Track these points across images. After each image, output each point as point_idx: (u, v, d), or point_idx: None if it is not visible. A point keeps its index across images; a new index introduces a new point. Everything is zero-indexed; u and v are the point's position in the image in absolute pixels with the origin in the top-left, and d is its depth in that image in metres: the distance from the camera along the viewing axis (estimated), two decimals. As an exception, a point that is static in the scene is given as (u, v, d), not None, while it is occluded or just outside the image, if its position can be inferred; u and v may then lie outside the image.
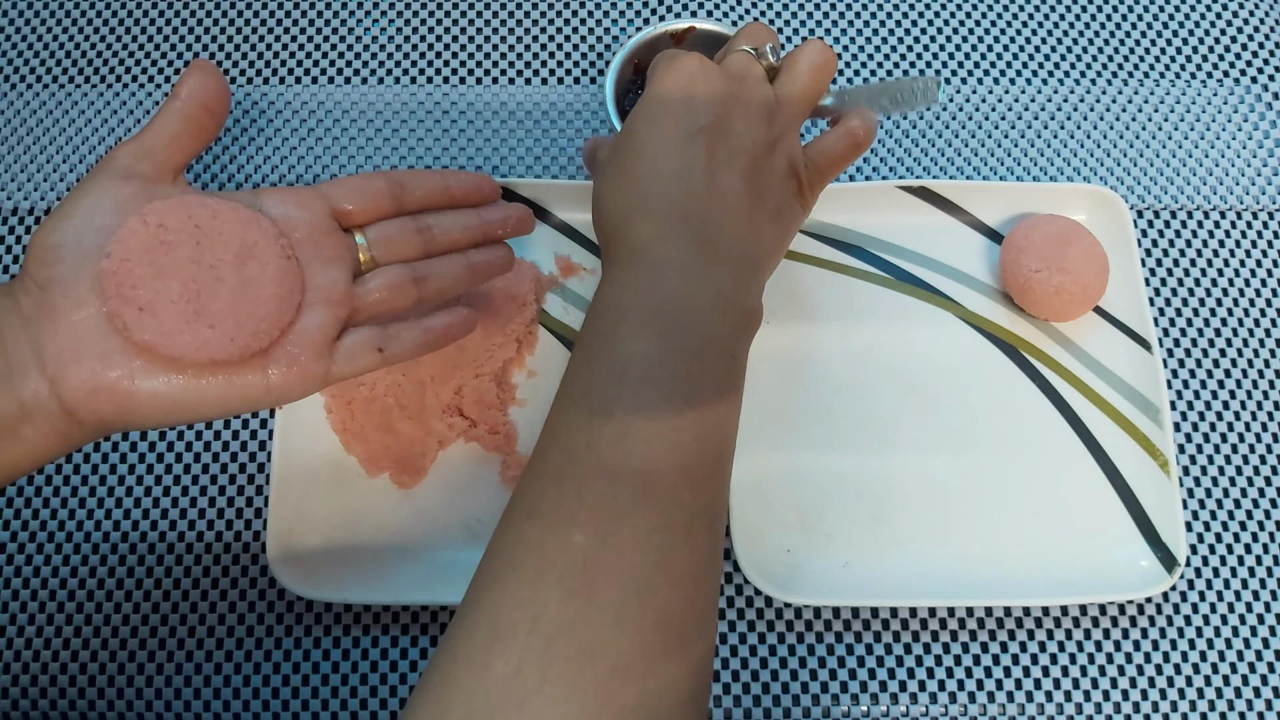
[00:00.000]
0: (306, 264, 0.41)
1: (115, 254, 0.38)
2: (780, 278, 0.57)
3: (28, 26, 0.64)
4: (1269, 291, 0.59)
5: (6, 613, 0.52)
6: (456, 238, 0.46)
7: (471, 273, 0.47)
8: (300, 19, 0.64)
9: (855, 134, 0.45)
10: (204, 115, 0.42)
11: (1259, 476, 0.55)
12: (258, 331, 0.39)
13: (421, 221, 0.45)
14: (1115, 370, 0.56)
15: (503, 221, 0.48)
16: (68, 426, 0.37)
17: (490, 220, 0.47)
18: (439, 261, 0.46)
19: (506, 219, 0.48)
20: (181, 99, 0.42)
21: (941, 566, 0.52)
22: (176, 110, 0.41)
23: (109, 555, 0.53)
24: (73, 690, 0.51)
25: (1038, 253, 0.54)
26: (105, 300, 0.37)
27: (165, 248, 0.38)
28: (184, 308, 0.38)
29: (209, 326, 0.38)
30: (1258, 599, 0.53)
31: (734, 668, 0.52)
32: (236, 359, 0.38)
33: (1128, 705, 0.51)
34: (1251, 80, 0.64)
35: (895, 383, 0.56)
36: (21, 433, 0.37)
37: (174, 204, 0.39)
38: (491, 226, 0.47)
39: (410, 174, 0.46)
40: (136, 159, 0.40)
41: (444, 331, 0.45)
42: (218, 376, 0.38)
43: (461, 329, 0.46)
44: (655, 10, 0.65)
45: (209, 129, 0.42)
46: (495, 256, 0.48)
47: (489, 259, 0.47)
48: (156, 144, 0.41)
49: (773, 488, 0.53)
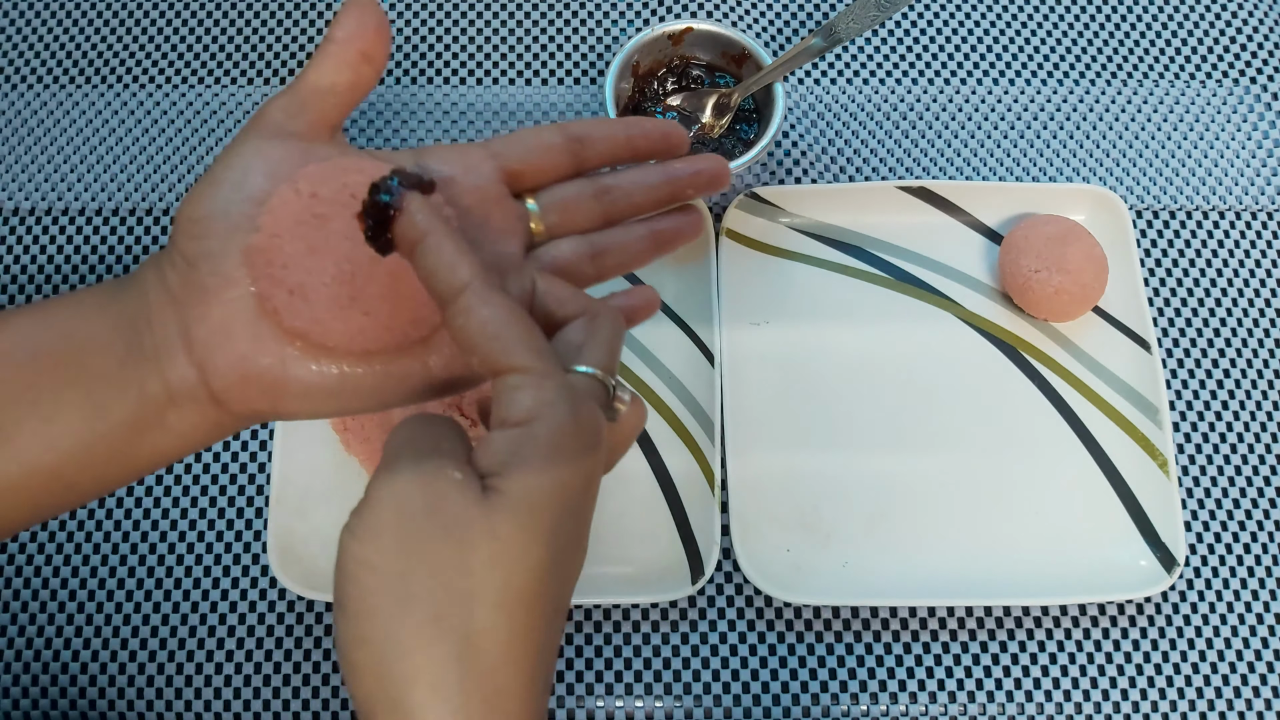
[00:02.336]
0: (474, 237, 0.36)
1: (265, 228, 0.34)
2: (780, 278, 0.58)
3: (28, 26, 0.64)
4: (1268, 291, 0.59)
5: (7, 613, 0.52)
6: (639, 201, 0.39)
7: (656, 243, 0.40)
8: (300, 19, 0.64)
9: None
10: (361, 62, 0.36)
11: (1258, 476, 0.55)
12: (418, 319, 0.35)
13: (599, 183, 0.39)
14: (1114, 370, 0.56)
15: (693, 178, 0.39)
16: (218, 415, 0.34)
17: (679, 176, 0.39)
18: (619, 231, 0.39)
19: (698, 174, 0.39)
20: (336, 42, 0.36)
21: (941, 566, 0.52)
22: (331, 56, 0.36)
23: (109, 555, 0.53)
24: (73, 690, 0.51)
25: (1037, 253, 0.55)
26: (255, 280, 0.33)
27: (318, 221, 0.34)
28: (337, 291, 0.34)
29: (364, 313, 0.34)
30: (1257, 599, 0.53)
31: (734, 667, 0.52)
32: (394, 348, 0.34)
33: (1127, 705, 0.51)
34: (1251, 80, 0.64)
35: (895, 383, 0.56)
36: (169, 420, 0.34)
37: (329, 168, 0.35)
38: (680, 185, 0.39)
39: (589, 124, 0.39)
40: (289, 114, 0.36)
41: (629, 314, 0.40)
42: (374, 366, 0.34)
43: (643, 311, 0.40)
44: (655, 11, 0.65)
45: (368, 77, 0.37)
46: (683, 223, 0.40)
47: (677, 226, 0.40)
48: (310, 96, 0.36)
49: (773, 488, 0.53)
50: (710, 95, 0.58)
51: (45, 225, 0.59)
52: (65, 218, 0.59)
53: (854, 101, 0.63)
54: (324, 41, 0.36)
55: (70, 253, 0.59)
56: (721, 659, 0.52)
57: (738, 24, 0.64)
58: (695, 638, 0.52)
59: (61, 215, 0.60)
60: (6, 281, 0.58)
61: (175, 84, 0.62)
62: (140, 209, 0.60)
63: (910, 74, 0.63)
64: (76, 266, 0.59)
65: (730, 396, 0.54)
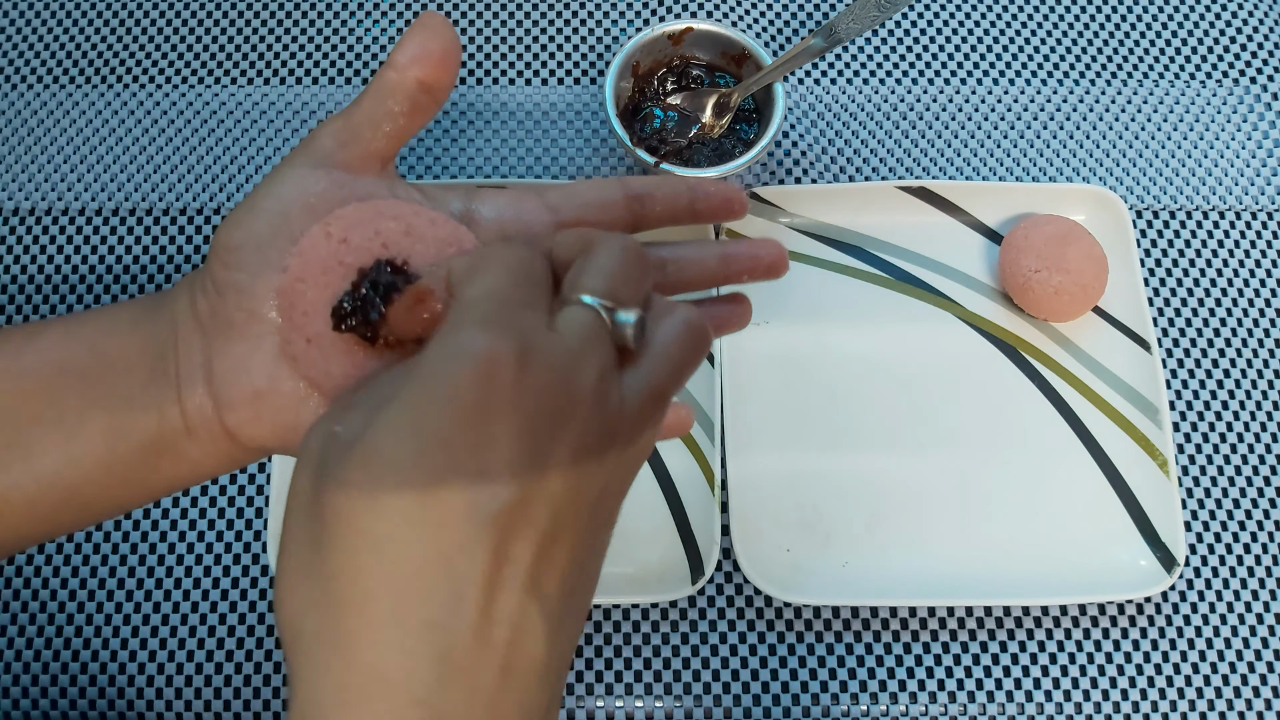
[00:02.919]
0: None
1: (292, 270, 0.32)
2: (780, 278, 0.58)
3: (28, 26, 0.64)
4: (1268, 291, 0.59)
5: (7, 613, 0.52)
6: (691, 279, 0.37)
7: None
8: (300, 19, 0.64)
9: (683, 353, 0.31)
10: (420, 92, 0.34)
11: (1258, 476, 0.55)
12: None
13: (655, 256, 0.36)
14: (1114, 370, 0.56)
15: (750, 264, 0.37)
16: (230, 447, 0.34)
17: (736, 261, 0.37)
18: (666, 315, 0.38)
19: (756, 260, 0.37)
20: (396, 68, 0.34)
21: (941, 566, 0.52)
22: (389, 84, 0.34)
23: (109, 555, 0.53)
24: (73, 690, 0.51)
25: (1037, 253, 0.55)
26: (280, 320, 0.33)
27: (344, 270, 0.33)
28: (352, 347, 0.32)
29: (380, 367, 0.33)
30: (1257, 599, 0.53)
31: (734, 667, 0.52)
32: None
33: (1127, 705, 0.51)
34: (1251, 80, 0.64)
35: (895, 383, 0.56)
36: (184, 448, 0.33)
37: (365, 212, 0.33)
38: (736, 271, 0.37)
39: (651, 182, 0.37)
40: (340, 143, 0.34)
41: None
42: None
43: (673, 431, 0.38)
44: (655, 11, 0.65)
45: (427, 108, 0.34)
46: (733, 314, 0.38)
47: (726, 315, 0.38)
48: (364, 124, 0.34)
49: (773, 488, 0.53)
50: (710, 95, 0.58)
51: (45, 225, 0.59)
52: (65, 218, 0.60)
53: (854, 101, 0.63)
54: (384, 64, 0.34)
55: (70, 253, 0.59)
56: (721, 659, 0.52)
57: (738, 24, 0.64)
58: (695, 638, 0.52)
59: (61, 215, 0.60)
60: (6, 281, 0.58)
61: (175, 84, 0.62)
62: (140, 209, 0.60)
63: (910, 74, 0.63)
64: (76, 267, 0.59)
65: (730, 396, 0.54)
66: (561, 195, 0.36)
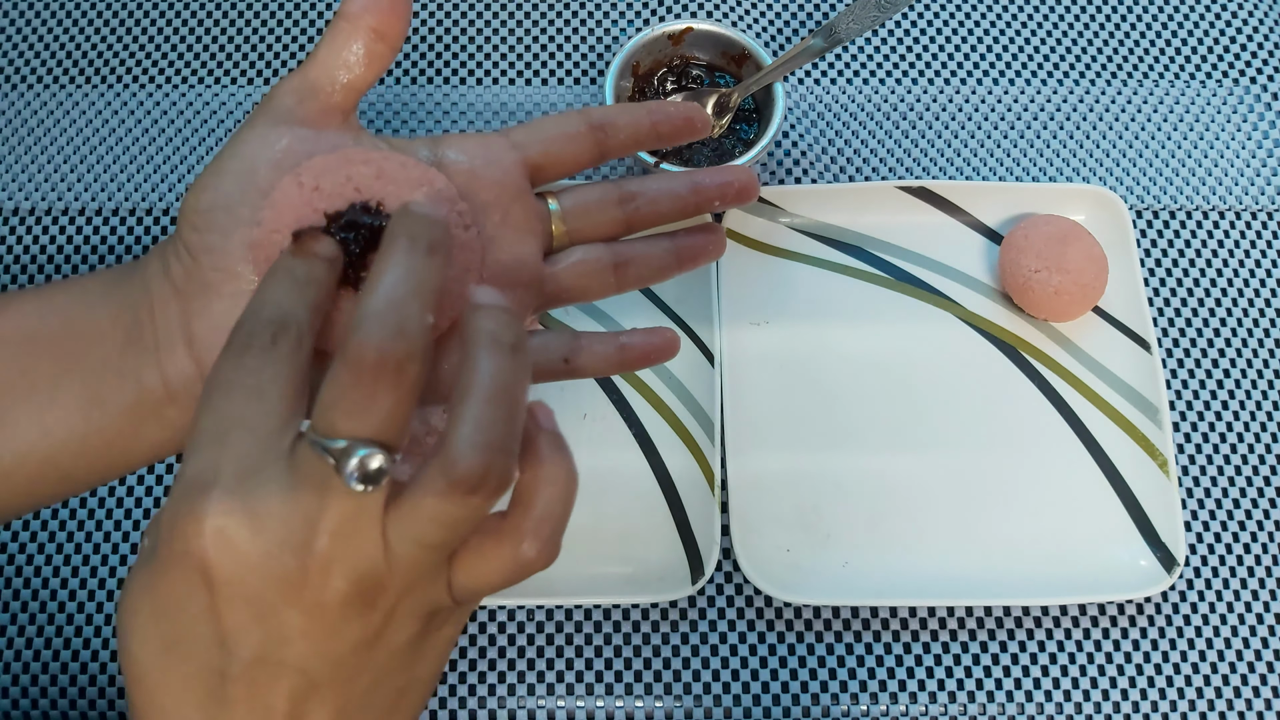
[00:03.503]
0: (491, 235, 0.34)
1: (266, 222, 0.32)
2: (780, 278, 0.58)
3: (28, 26, 0.64)
4: (1269, 291, 0.59)
5: (7, 613, 0.52)
6: (664, 210, 0.37)
7: (679, 259, 0.39)
8: (300, 19, 0.64)
9: (525, 559, 0.29)
10: (375, 40, 0.34)
11: (1258, 476, 0.55)
12: None
13: (624, 189, 0.37)
14: (1114, 370, 0.56)
15: (721, 189, 0.37)
16: None
17: (706, 189, 0.37)
18: (642, 243, 0.38)
19: (726, 185, 0.37)
20: (347, 18, 0.34)
21: (941, 566, 0.52)
22: (341, 34, 0.34)
23: (109, 555, 0.53)
24: (73, 690, 0.51)
25: (1037, 253, 0.55)
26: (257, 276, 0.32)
27: (318, 217, 0.33)
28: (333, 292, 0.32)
29: None
30: (1257, 599, 0.53)
31: (734, 667, 0.52)
32: None
33: (1127, 705, 0.51)
34: (1251, 80, 0.64)
35: (894, 383, 0.56)
36: (166, 414, 0.33)
37: (334, 160, 0.33)
38: (707, 198, 0.38)
39: (611, 111, 0.37)
40: (300, 98, 0.34)
41: (641, 354, 0.37)
42: None
43: (661, 354, 0.38)
44: (655, 11, 0.65)
45: (382, 56, 0.34)
46: (707, 241, 0.39)
47: (701, 244, 0.39)
48: (321, 78, 0.34)
49: (772, 487, 0.53)
50: (710, 95, 0.58)
51: (45, 225, 0.59)
52: (65, 218, 0.60)
53: (854, 101, 0.63)
54: (335, 17, 0.34)
55: (70, 253, 0.59)
56: (721, 659, 0.52)
57: (738, 24, 0.64)
58: (695, 638, 0.52)
59: (61, 215, 0.60)
60: (6, 281, 0.58)
61: (175, 84, 0.62)
62: (140, 209, 0.60)
63: (910, 74, 0.63)
64: (76, 266, 0.59)
65: (730, 396, 0.54)
66: (526, 133, 0.36)
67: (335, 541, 0.26)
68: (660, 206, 0.37)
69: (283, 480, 0.26)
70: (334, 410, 0.26)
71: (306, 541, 0.26)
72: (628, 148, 0.37)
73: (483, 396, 0.26)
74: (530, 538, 0.28)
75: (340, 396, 0.26)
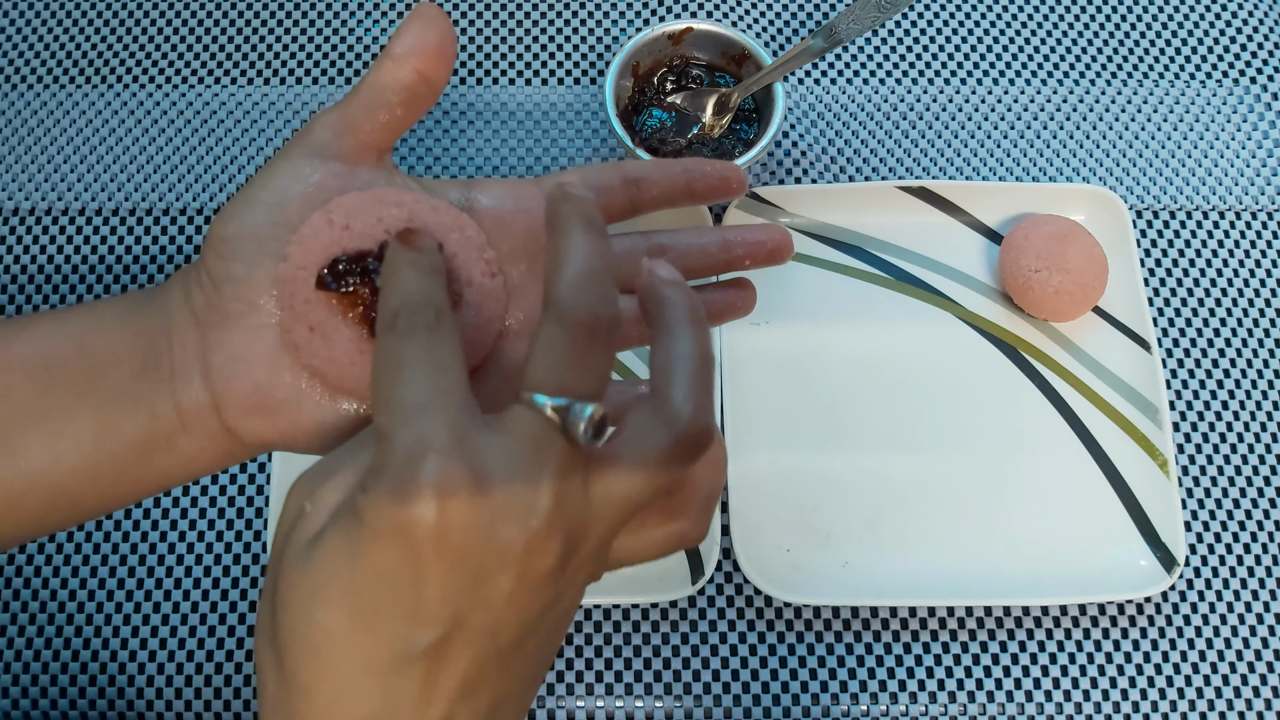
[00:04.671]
0: (516, 283, 0.34)
1: (293, 258, 0.32)
2: (780, 278, 0.58)
3: (28, 26, 0.64)
4: (1268, 291, 0.59)
5: (7, 613, 0.52)
6: (693, 266, 0.37)
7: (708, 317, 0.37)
8: (300, 19, 0.64)
9: (684, 535, 0.30)
10: (418, 83, 0.34)
11: (1258, 476, 0.55)
12: None
13: (654, 242, 0.37)
14: (1114, 370, 0.56)
15: (752, 249, 0.37)
16: (227, 443, 0.33)
17: (737, 245, 0.37)
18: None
19: (759, 245, 0.37)
20: (393, 58, 0.34)
21: (941, 566, 0.52)
22: (385, 74, 0.34)
23: (109, 555, 0.53)
24: (73, 690, 0.51)
25: (1037, 253, 0.55)
26: (280, 311, 0.32)
27: None
28: (358, 333, 0.32)
29: None
30: (1257, 599, 0.53)
31: (734, 667, 0.52)
32: None
33: (1127, 705, 0.51)
34: (1251, 80, 0.64)
35: (894, 383, 0.56)
36: (178, 444, 0.33)
37: (366, 199, 0.33)
38: (737, 256, 0.37)
39: (647, 166, 0.37)
40: (337, 134, 0.34)
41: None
42: None
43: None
44: (655, 11, 0.65)
45: (424, 100, 0.34)
46: (736, 299, 0.38)
47: (729, 301, 0.38)
48: (360, 115, 0.34)
49: (773, 488, 0.53)
50: (710, 95, 0.58)
51: (45, 225, 0.59)
52: (65, 218, 0.60)
53: (854, 101, 0.63)
54: (381, 55, 0.34)
55: (70, 253, 0.59)
56: (721, 659, 0.52)
57: (738, 24, 0.64)
58: (695, 638, 0.52)
59: (61, 215, 0.60)
60: (6, 281, 0.58)
61: (175, 84, 0.62)
62: (140, 209, 0.60)
63: (910, 74, 0.63)
64: (76, 266, 0.59)
65: (730, 396, 0.54)
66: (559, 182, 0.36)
67: (556, 503, 0.27)
68: (689, 261, 0.37)
69: (500, 443, 0.27)
70: (556, 369, 0.27)
71: (530, 504, 0.26)
72: (660, 204, 0.37)
73: (696, 363, 0.28)
74: (695, 516, 0.30)
75: (560, 357, 0.27)
